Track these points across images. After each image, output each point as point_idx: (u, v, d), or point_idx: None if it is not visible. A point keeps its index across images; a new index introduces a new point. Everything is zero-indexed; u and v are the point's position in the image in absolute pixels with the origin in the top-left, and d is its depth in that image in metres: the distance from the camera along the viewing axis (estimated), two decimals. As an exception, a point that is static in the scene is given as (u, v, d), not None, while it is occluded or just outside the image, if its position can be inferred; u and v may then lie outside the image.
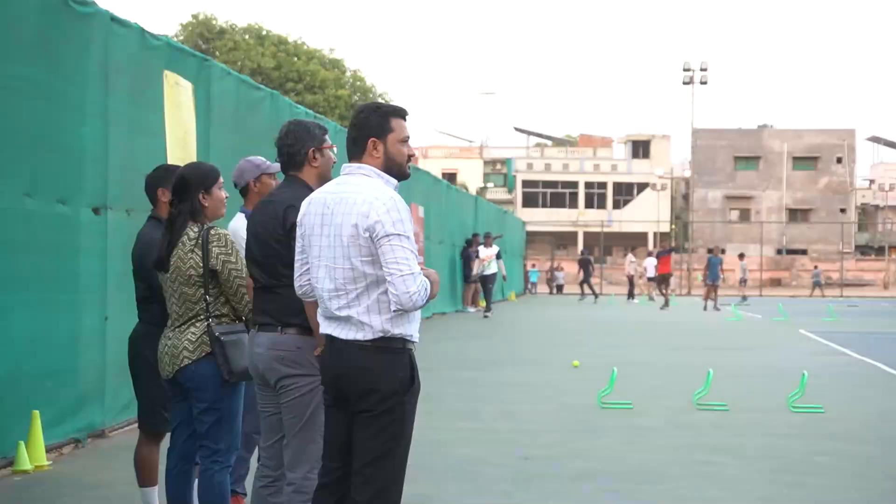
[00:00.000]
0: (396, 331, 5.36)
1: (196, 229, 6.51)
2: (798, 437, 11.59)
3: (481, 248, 34.49)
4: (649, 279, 49.63)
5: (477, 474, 9.47)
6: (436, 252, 32.31)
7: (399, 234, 5.28)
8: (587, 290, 50.90)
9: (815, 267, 73.22)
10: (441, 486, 9.01)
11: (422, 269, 5.36)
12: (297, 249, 5.68)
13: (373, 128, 5.53)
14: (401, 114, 5.62)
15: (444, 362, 19.26)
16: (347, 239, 5.35)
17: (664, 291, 44.11)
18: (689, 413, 13.30)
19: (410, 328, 5.43)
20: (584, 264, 53.13)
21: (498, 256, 34.78)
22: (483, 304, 39.82)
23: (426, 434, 11.39)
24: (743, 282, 52.64)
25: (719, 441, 11.31)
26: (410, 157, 5.63)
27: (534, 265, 64.78)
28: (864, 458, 10.46)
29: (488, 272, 34.28)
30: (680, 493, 8.85)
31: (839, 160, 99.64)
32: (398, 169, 5.56)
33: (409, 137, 5.61)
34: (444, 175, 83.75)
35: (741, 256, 53.38)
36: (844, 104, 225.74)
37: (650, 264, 48.58)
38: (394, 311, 5.30)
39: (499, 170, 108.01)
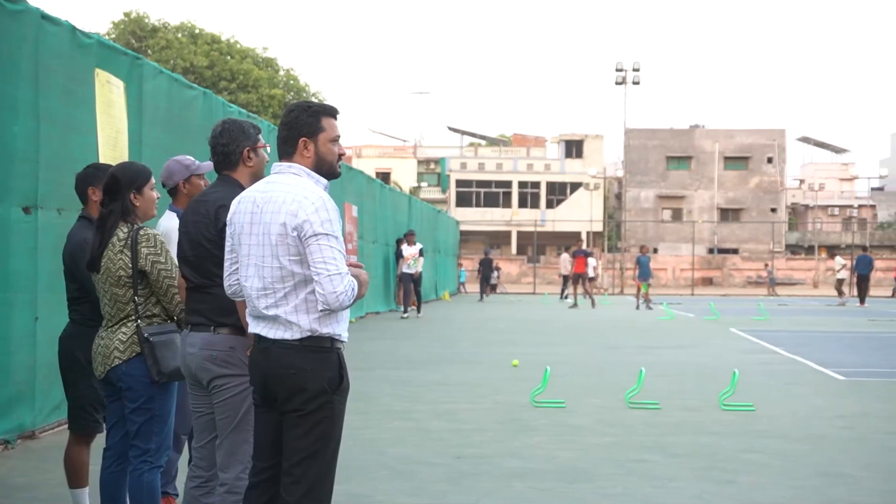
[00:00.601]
0: (324, 330, 5.35)
1: (126, 230, 6.49)
2: (729, 435, 11.68)
3: (404, 247, 33.96)
4: (563, 276, 50.53)
5: (411, 473, 9.48)
6: (369, 251, 32.28)
7: (327, 234, 5.27)
8: (491, 289, 51.25)
9: (767, 265, 73.89)
10: (375, 485, 9.00)
11: (350, 268, 5.35)
12: (227, 249, 5.66)
13: (303, 127, 5.52)
14: (332, 113, 5.61)
15: (378, 362, 19.25)
16: (276, 238, 5.34)
17: (576, 291, 44.52)
18: (620, 411, 13.37)
19: (339, 327, 5.42)
20: (485, 264, 53.38)
21: (421, 254, 34.27)
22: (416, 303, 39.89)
23: (360, 433, 11.40)
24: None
25: (651, 439, 11.38)
26: (341, 156, 5.62)
27: (461, 265, 64.86)
28: (793, 455, 10.56)
29: (411, 271, 33.73)
30: (611, 492, 8.90)
31: (770, 160, 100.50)
32: (329, 168, 5.56)
33: (339, 137, 5.60)
34: (377, 174, 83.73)
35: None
36: (775, 104, 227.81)
37: (565, 260, 49.71)
38: (321, 310, 5.29)
39: (432, 169, 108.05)
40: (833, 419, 12.97)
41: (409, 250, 33.62)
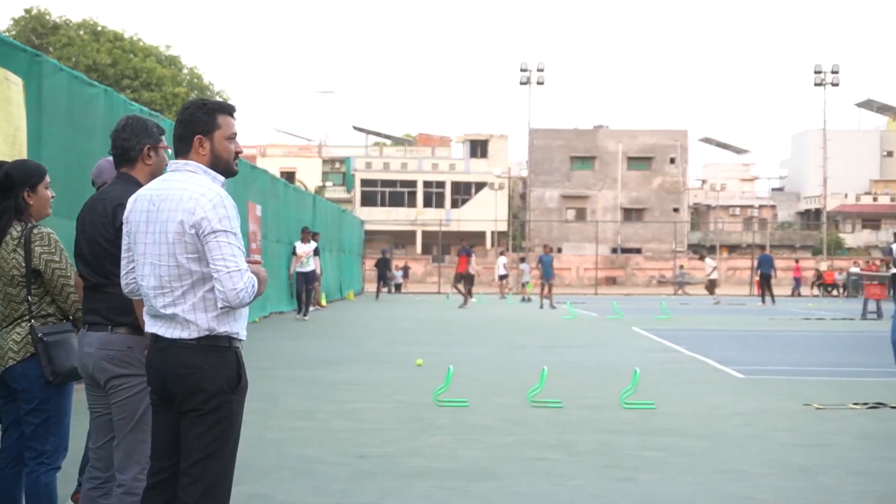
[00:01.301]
0: (222, 329, 5.32)
1: (19, 228, 6.42)
2: (630, 433, 11.78)
3: (298, 245, 32.64)
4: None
5: (313, 473, 9.46)
6: (273, 251, 32.15)
7: (226, 231, 5.24)
8: (396, 289, 51.41)
9: (681, 267, 74.62)
10: (277, 485, 8.97)
11: (250, 265, 5.33)
12: (124, 247, 5.61)
13: (199, 125, 5.48)
14: (228, 110, 5.58)
15: (282, 361, 19.19)
16: (173, 236, 5.29)
17: (462, 290, 44.73)
18: (523, 410, 13.43)
19: (237, 326, 5.39)
20: (382, 264, 53.56)
21: (316, 253, 33.45)
22: (324, 302, 39.78)
23: (263, 434, 11.36)
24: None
25: (553, 438, 11.45)
26: (238, 153, 5.59)
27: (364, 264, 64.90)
28: (693, 453, 10.67)
29: (306, 270, 32.32)
30: (513, 490, 8.93)
31: (672, 160, 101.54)
32: (225, 166, 5.52)
33: (236, 134, 5.56)
34: (282, 174, 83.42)
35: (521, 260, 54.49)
36: (678, 105, 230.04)
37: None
38: (220, 307, 5.26)
39: (337, 169, 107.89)
40: (731, 417, 13.13)
41: (302, 248, 32.45)
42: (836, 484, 9.27)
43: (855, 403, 13.98)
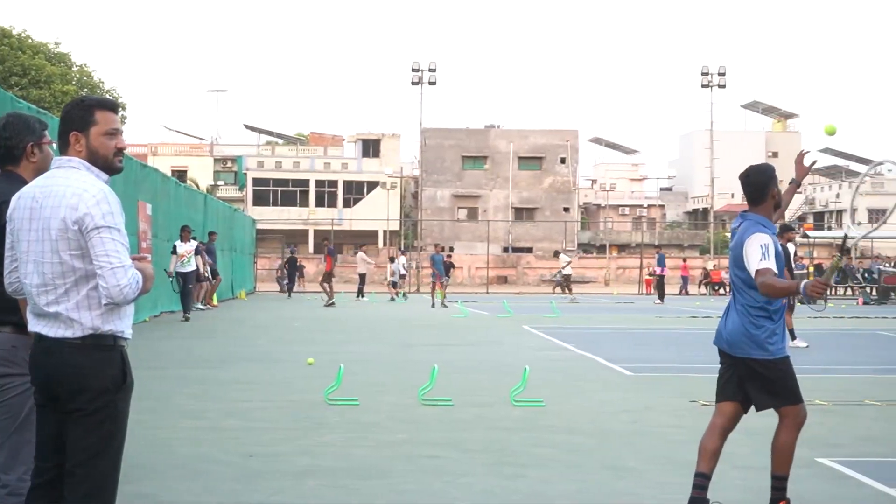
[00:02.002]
0: (107, 327, 5.29)
1: None
2: (519, 431, 11.88)
3: (178, 244, 31.93)
4: (360, 275, 51.29)
5: (203, 473, 9.42)
6: (164, 250, 31.82)
7: (109, 227, 5.21)
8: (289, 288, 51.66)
9: (564, 268, 74.97)
10: (166, 485, 8.93)
11: (135, 262, 5.31)
12: (7, 246, 5.55)
13: (75, 121, 5.44)
14: (107, 106, 5.53)
15: (172, 361, 19.06)
16: (56, 233, 5.25)
17: (328, 288, 44.80)
18: (414, 408, 13.49)
19: (122, 325, 5.36)
20: (291, 264, 53.53)
21: (197, 252, 32.85)
22: (216, 302, 39.50)
23: (152, 433, 11.29)
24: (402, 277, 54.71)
25: (443, 435, 11.51)
26: (121, 149, 5.55)
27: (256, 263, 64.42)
28: (581, 449, 10.79)
29: (186, 270, 31.71)
30: (404, 488, 8.98)
31: (563, 160, 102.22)
32: (104, 162, 5.47)
33: (117, 130, 5.50)
34: (173, 172, 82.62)
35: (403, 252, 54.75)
36: (568, 105, 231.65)
37: (361, 259, 52.17)
38: (105, 304, 5.23)
39: (229, 168, 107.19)
40: (619, 414, 13.29)
41: (183, 247, 31.88)
42: (719, 479, 9.41)
43: (740, 400, 14.18)
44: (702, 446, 8.06)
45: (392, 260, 55.33)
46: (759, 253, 7.65)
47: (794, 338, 21.95)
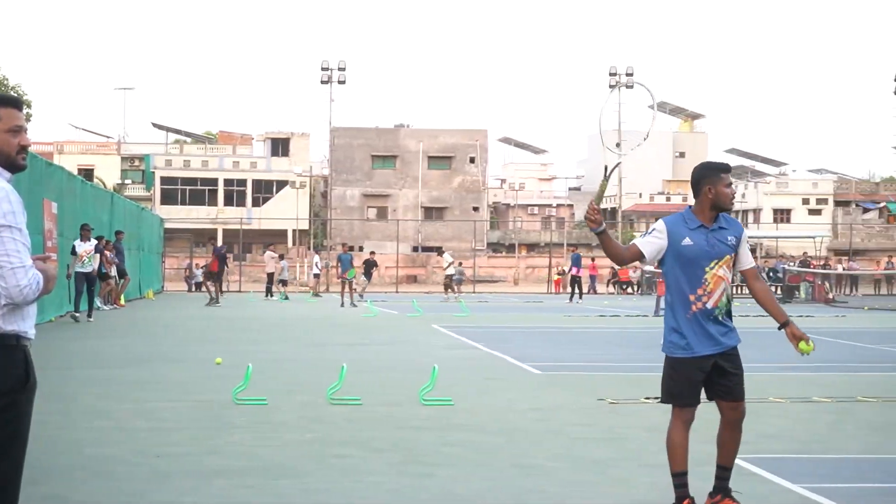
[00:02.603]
0: (9, 327, 5.23)
1: None
2: (428, 429, 11.91)
3: (77, 243, 30.97)
4: (268, 274, 51.28)
5: (110, 473, 9.35)
6: (70, 249, 31.48)
7: (10, 227, 5.15)
8: (197, 287, 51.44)
9: (460, 264, 75.18)
10: (73, 485, 8.86)
11: (37, 262, 5.25)
12: None
13: None
14: (10, 103, 5.46)
15: (80, 361, 18.90)
16: (-44, 232, 5.17)
17: (210, 288, 44.74)
18: (322, 408, 13.47)
19: (25, 325, 5.31)
20: (221, 260, 53.24)
21: (97, 251, 32.16)
22: (123, 301, 39.11)
23: (59, 434, 11.19)
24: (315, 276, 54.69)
25: (352, 435, 11.51)
26: (24, 147, 5.47)
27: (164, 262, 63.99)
28: (490, 448, 10.84)
29: (86, 269, 30.79)
30: (313, 487, 8.97)
31: (472, 160, 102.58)
32: (6, 159, 5.39)
33: (21, 127, 5.42)
34: (80, 171, 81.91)
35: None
36: (477, 105, 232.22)
37: (270, 258, 52.51)
38: (4, 304, 5.17)
39: (137, 166, 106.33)
40: (528, 412, 13.37)
41: (82, 247, 30.98)
42: (627, 476, 9.53)
43: (647, 398, 14.32)
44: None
45: (281, 258, 55.00)
46: (644, 234, 7.92)
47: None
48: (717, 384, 7.94)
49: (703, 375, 7.88)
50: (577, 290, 52.18)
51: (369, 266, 52.66)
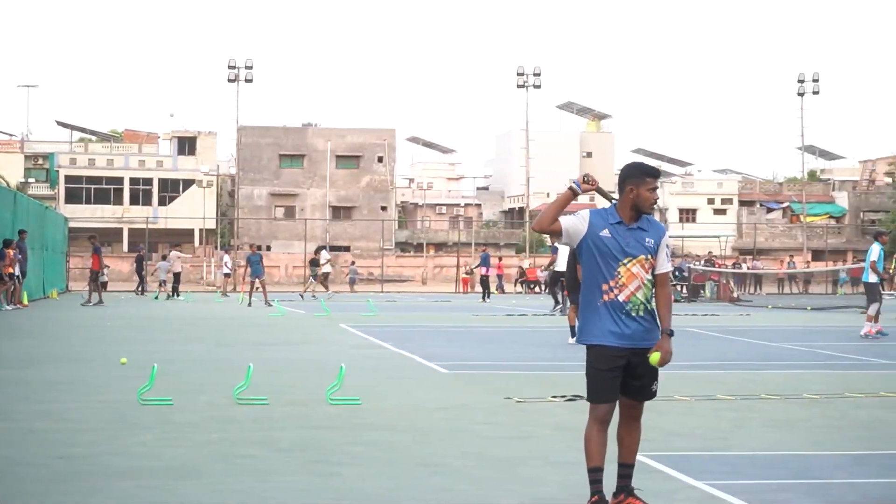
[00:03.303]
0: None
1: None
2: (335, 429, 11.88)
3: None
4: (175, 274, 51.06)
5: (12, 475, 9.23)
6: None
7: None
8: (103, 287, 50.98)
9: (353, 263, 75.29)
10: (-28, 489, 8.75)
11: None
12: None
13: None
14: None
15: (-20, 362, 18.64)
16: None
17: (91, 289, 44.44)
18: (229, 408, 13.39)
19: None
20: (139, 261, 52.95)
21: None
22: (26, 301, 38.64)
23: (-42, 436, 11.03)
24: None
25: (259, 435, 11.46)
26: None
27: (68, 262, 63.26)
28: (397, 447, 10.84)
29: None
30: (219, 487, 8.91)
31: (380, 159, 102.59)
32: None
33: None
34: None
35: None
36: (385, 104, 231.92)
37: (174, 258, 52.95)
38: None
39: (41, 165, 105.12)
40: (436, 411, 13.39)
41: None
42: (534, 474, 9.57)
43: (553, 396, 14.40)
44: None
45: (164, 258, 54.53)
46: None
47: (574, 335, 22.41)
48: (629, 382, 7.99)
49: (618, 370, 7.90)
50: (487, 290, 52.39)
51: (315, 265, 52.51)
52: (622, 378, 7.97)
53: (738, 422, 12.72)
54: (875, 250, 26.32)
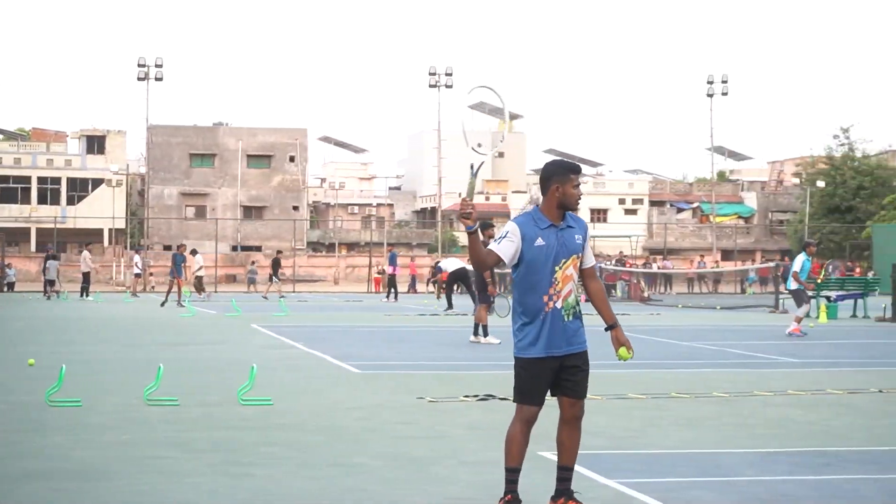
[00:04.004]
0: None
1: None
2: (247, 429, 11.81)
3: None
4: (84, 273, 50.65)
5: (-84, 479, 9.09)
6: None
7: None
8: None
9: (253, 263, 75.07)
10: None
11: None
12: None
13: None
14: None
15: None
16: None
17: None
18: (139, 409, 13.27)
19: None
20: (50, 259, 52.46)
21: None
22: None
23: None
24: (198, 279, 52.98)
25: (169, 436, 11.37)
26: None
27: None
28: (310, 447, 10.80)
29: None
30: (129, 489, 8.82)
31: (292, 159, 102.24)
32: None
33: None
34: None
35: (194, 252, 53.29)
36: (297, 104, 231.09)
37: (86, 258, 52.50)
38: None
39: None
40: (349, 411, 13.35)
41: None
42: (448, 474, 9.57)
43: (466, 396, 14.43)
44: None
45: (54, 258, 53.91)
46: (498, 239, 7.85)
47: (486, 335, 22.55)
48: (562, 380, 7.96)
49: (551, 375, 7.90)
50: (393, 289, 52.41)
51: (276, 265, 52.13)
52: (557, 381, 7.97)
53: (649, 420, 12.83)
54: (799, 260, 27.20)
